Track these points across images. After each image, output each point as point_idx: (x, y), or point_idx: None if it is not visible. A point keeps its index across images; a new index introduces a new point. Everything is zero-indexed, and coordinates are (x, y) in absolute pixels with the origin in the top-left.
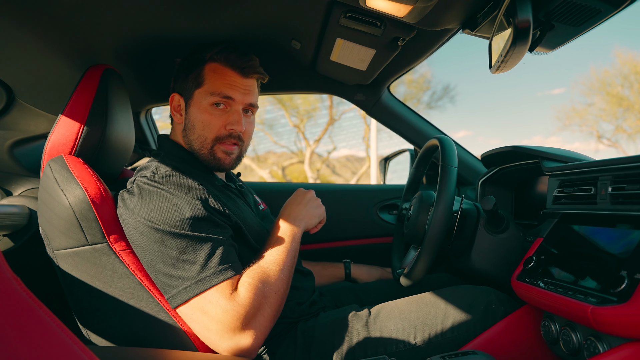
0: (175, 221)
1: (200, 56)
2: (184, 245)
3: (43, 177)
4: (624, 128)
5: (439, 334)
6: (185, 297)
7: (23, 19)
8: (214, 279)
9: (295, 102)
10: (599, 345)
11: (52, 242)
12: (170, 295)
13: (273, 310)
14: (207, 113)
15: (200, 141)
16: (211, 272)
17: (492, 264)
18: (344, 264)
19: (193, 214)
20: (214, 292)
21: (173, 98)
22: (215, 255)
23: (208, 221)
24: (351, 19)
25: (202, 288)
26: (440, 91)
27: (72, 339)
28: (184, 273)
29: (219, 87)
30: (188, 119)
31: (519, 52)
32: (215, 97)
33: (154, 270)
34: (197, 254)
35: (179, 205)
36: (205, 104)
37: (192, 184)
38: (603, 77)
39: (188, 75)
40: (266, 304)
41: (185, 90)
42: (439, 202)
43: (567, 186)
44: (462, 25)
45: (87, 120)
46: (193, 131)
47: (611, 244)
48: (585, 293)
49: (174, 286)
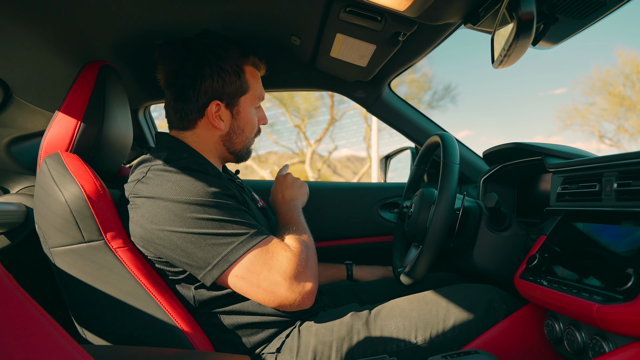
0: (212, 192)
1: (237, 63)
2: (228, 210)
3: (39, 173)
4: (626, 128)
5: (440, 333)
6: (245, 248)
7: (19, 15)
8: (260, 234)
9: (296, 101)
10: (605, 345)
11: (48, 240)
12: (225, 254)
13: (316, 263)
14: (253, 116)
15: (246, 142)
16: (256, 231)
17: (494, 263)
18: (345, 266)
19: (222, 190)
20: (274, 242)
21: (212, 107)
22: (250, 220)
23: (233, 197)
24: (351, 13)
25: (260, 238)
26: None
27: (64, 337)
28: (235, 230)
29: (260, 91)
30: (236, 124)
31: (522, 45)
32: (258, 100)
33: (194, 245)
34: (243, 216)
35: (208, 180)
36: (252, 109)
37: (209, 169)
38: (605, 76)
39: (225, 80)
40: (310, 258)
41: (227, 96)
42: (441, 199)
43: (571, 183)
44: (464, 20)
45: (84, 116)
46: (241, 134)
47: (616, 242)
48: (590, 291)
49: (227, 243)
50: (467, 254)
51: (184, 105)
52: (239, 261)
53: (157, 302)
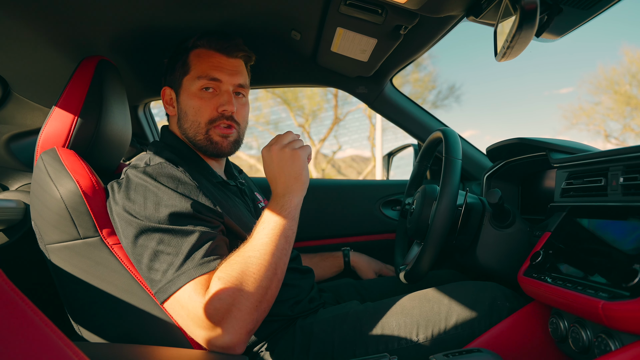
0: (156, 216)
1: (183, 45)
2: (162, 239)
3: (35, 169)
4: (632, 127)
5: (442, 331)
6: (171, 291)
7: (16, 10)
8: (192, 272)
9: (301, 101)
10: (611, 343)
11: (44, 236)
12: (157, 291)
13: (253, 301)
14: (197, 98)
15: (195, 127)
16: (192, 266)
17: (497, 260)
18: (342, 252)
19: (176, 209)
20: (191, 286)
21: (164, 92)
22: (195, 248)
23: (191, 217)
24: (351, 6)
25: (182, 282)
26: (446, 90)
27: (56, 334)
28: (164, 267)
29: (204, 70)
30: (180, 108)
31: (525, 37)
32: (202, 80)
33: (139, 265)
34: (176, 247)
35: (163, 199)
36: (194, 89)
37: (184, 177)
38: (611, 75)
39: (174, 66)
40: (242, 297)
41: (174, 81)
42: (443, 194)
43: (576, 178)
44: (466, 12)
45: (80, 112)
46: (186, 118)
47: (622, 237)
48: (596, 288)
49: (157, 280)
50: (469, 251)
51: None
52: (166, 301)
53: (153, 299)
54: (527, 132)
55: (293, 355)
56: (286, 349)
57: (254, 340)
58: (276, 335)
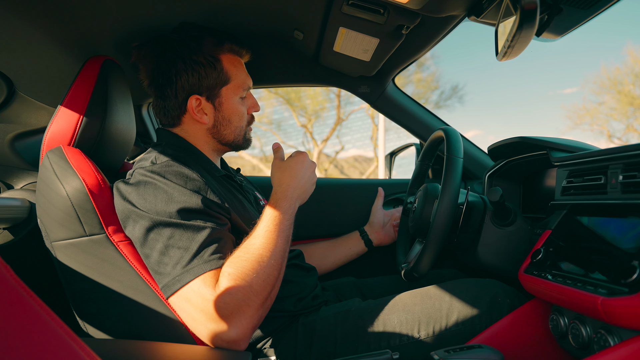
0: (167, 211)
1: (212, 53)
2: (173, 234)
3: (41, 168)
4: (635, 127)
5: (443, 328)
6: (177, 286)
7: (22, 9)
8: (201, 268)
9: (303, 101)
10: (610, 339)
11: (49, 234)
12: (163, 285)
13: (262, 298)
14: (240, 106)
15: (237, 132)
16: (201, 262)
17: (499, 258)
18: (359, 232)
19: (186, 205)
20: (200, 281)
21: (191, 101)
22: (205, 245)
23: (201, 213)
24: (354, 6)
25: (189, 277)
26: (449, 90)
27: (63, 330)
28: (173, 262)
29: (244, 79)
30: (221, 116)
31: (525, 36)
32: (243, 90)
33: (147, 260)
34: (186, 242)
35: (173, 196)
36: (236, 98)
37: (192, 174)
38: (614, 75)
39: (204, 74)
40: (252, 294)
41: (206, 89)
42: (444, 193)
43: (576, 176)
44: (468, 12)
45: (86, 111)
46: (229, 125)
47: (622, 235)
48: (595, 285)
49: (166, 274)
50: (471, 249)
51: (165, 104)
52: (172, 295)
53: (159, 295)
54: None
55: (296, 351)
56: (289, 346)
57: (258, 336)
58: (279, 332)
